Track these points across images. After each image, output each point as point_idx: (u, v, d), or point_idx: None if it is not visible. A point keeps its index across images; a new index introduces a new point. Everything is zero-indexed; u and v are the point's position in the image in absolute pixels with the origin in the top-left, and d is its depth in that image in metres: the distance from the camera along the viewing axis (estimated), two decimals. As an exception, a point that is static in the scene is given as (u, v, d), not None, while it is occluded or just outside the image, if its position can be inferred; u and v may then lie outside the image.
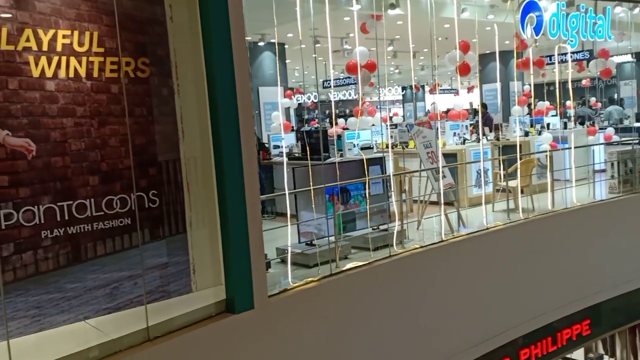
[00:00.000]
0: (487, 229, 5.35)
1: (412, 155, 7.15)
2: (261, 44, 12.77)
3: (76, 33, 3.02)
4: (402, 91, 28.83)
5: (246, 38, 3.44)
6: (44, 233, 2.93)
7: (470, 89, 21.38)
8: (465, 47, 6.78)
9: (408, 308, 4.38)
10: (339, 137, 7.54)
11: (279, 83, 9.79)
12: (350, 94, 24.14)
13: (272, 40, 12.24)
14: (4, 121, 2.82)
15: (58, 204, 2.98)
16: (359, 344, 4.02)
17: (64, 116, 3.02)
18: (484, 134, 8.45)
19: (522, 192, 6.49)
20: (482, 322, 5.04)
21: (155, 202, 3.31)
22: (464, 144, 8.45)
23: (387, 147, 6.84)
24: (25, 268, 2.89)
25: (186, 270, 3.40)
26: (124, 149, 3.21)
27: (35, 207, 2.90)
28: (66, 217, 3.00)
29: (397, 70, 20.84)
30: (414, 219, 6.15)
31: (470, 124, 9.48)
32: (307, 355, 3.67)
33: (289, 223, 4.41)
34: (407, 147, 8.20)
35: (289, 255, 4.23)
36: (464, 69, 6.79)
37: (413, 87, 21.92)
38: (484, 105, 11.16)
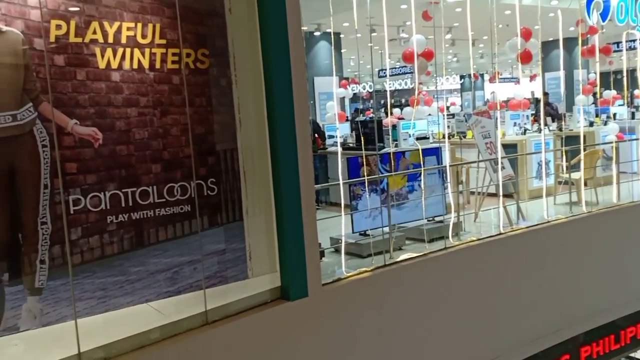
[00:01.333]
0: (548, 222, 5.19)
1: (470, 146, 7.00)
2: (317, 33, 12.78)
3: (139, 25, 3.12)
4: (460, 80, 28.20)
5: (302, 28, 3.45)
6: (110, 218, 3.07)
7: (532, 78, 20.68)
8: (527, 34, 6.57)
9: (463, 301, 4.31)
10: (394, 127, 7.48)
11: (334, 73, 9.77)
12: (406, 83, 23.83)
13: (328, 30, 12.23)
14: (73, 111, 2.95)
15: (122, 190, 3.10)
16: (411, 336, 4.00)
17: (128, 106, 3.13)
18: (545, 124, 8.17)
19: (585, 184, 6.24)
20: (541, 318, 4.90)
21: (213, 190, 3.39)
22: (524, 134, 8.20)
23: (443, 137, 6.72)
24: (92, 251, 3.04)
25: (243, 257, 3.48)
26: (185, 138, 3.30)
27: (102, 193, 3.04)
28: (130, 203, 3.12)
29: (455, 59, 20.39)
30: (470, 211, 6.03)
31: (532, 114, 9.18)
32: (360, 344, 3.69)
33: (342, 213, 4.42)
34: (464, 137, 8.04)
35: (343, 244, 4.25)
36: (526, 57, 6.58)
37: (472, 75, 21.41)
38: (546, 95, 10.76)
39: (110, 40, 3.03)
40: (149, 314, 3.05)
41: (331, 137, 8.60)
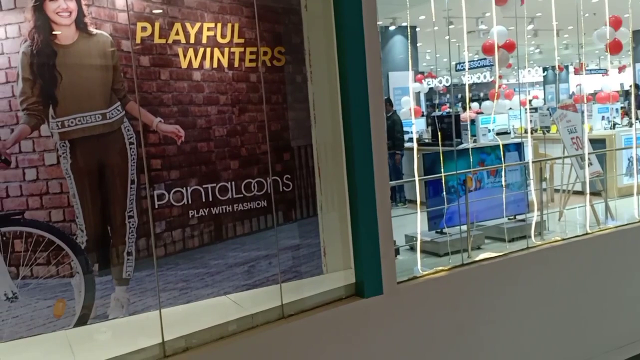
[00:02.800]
0: (639, 222, 4.85)
1: (555, 141, 6.68)
2: (392, 28, 12.65)
3: (219, 25, 3.21)
4: (543, 72, 26.97)
5: (378, 23, 3.42)
6: (191, 212, 3.18)
7: (621, 69, 19.43)
8: (616, 23, 6.17)
9: (545, 303, 4.12)
10: (473, 121, 7.27)
11: (410, 67, 9.62)
12: (485, 77, 23.08)
13: (404, 24, 12.07)
14: (157, 109, 3.08)
15: (203, 186, 3.20)
16: (489, 338, 3.87)
17: (208, 104, 3.23)
18: (637, 118, 7.66)
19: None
20: (630, 323, 4.60)
21: (288, 186, 3.44)
22: (613, 128, 7.73)
23: (525, 132, 6.46)
24: (174, 244, 3.16)
25: (317, 252, 3.50)
26: (261, 135, 3.36)
27: (184, 188, 3.15)
28: (210, 199, 3.22)
29: (537, 50, 19.53)
30: (554, 209, 5.76)
31: (621, 107, 8.63)
32: (435, 345, 3.61)
33: (418, 210, 4.35)
34: (548, 132, 7.69)
35: (419, 242, 4.18)
36: (615, 47, 6.18)
37: (556, 67, 20.43)
38: (637, 86, 10.08)
39: (192, 40, 3.14)
40: (228, 306, 3.14)
41: (406, 132, 8.48)
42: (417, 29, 12.65)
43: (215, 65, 3.22)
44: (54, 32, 2.82)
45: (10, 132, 2.76)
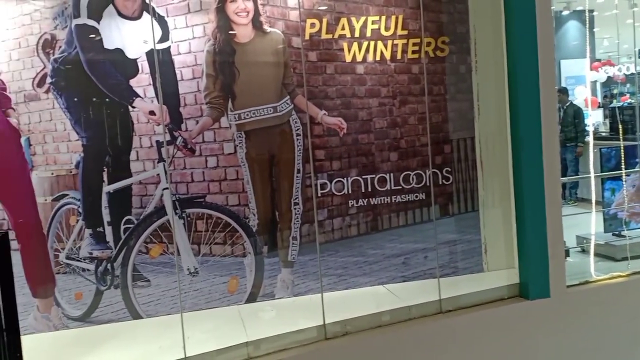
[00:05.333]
0: None
1: None
2: (565, 12, 11.70)
3: (383, 18, 3.24)
4: None
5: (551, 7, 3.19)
6: (351, 202, 3.27)
7: None
8: None
9: None
10: (660, 114, 6.45)
11: (587, 54, 8.81)
12: (675, 63, 20.31)
13: (579, 8, 11.09)
14: (322, 102, 3.21)
15: (363, 176, 3.28)
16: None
17: (370, 97, 3.29)
18: None
19: None
20: None
21: (448, 179, 3.37)
22: None
23: None
24: (336, 232, 3.28)
25: (477, 249, 3.39)
26: (422, 127, 3.34)
27: (345, 179, 3.25)
28: (369, 189, 3.28)
29: None
30: None
31: None
32: (607, 356, 3.30)
33: (593, 210, 3.99)
34: None
35: (592, 244, 3.84)
36: None
37: None
38: None
39: (357, 34, 3.21)
40: (384, 295, 3.18)
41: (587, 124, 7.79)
42: (595, 13, 11.55)
43: (378, 58, 3.26)
44: (233, 32, 3.08)
45: (195, 124, 3.07)
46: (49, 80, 2.88)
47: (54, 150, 2.96)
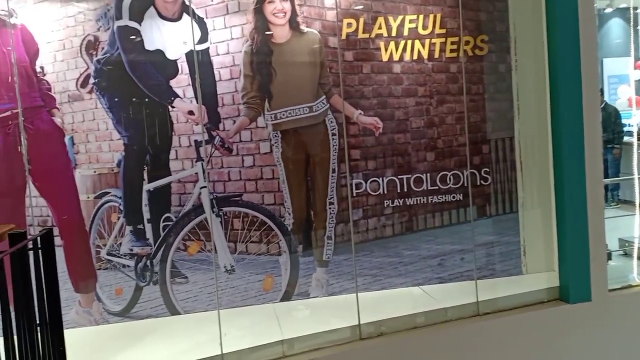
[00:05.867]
0: None
1: None
2: (608, 10, 11.37)
3: (421, 17, 3.21)
4: None
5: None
6: (386, 202, 3.25)
7: None
8: None
9: None
10: None
11: (632, 52, 8.53)
12: None
13: (622, 6, 10.77)
14: (358, 102, 3.21)
15: (398, 176, 3.25)
16: None
17: (407, 96, 3.27)
18: None
19: None
20: None
21: (486, 179, 3.32)
22: None
23: None
24: (371, 232, 3.27)
25: (516, 251, 3.33)
26: (459, 127, 3.30)
27: (380, 178, 3.24)
28: (405, 189, 3.26)
29: None
30: None
31: None
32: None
33: (637, 212, 3.87)
34: None
35: (635, 247, 3.72)
36: None
37: None
38: None
39: (394, 33, 3.19)
40: (419, 297, 3.15)
41: (623, 125, 7.56)
42: (638, 11, 11.20)
43: (415, 57, 3.24)
44: (270, 32, 3.10)
45: (233, 123, 3.11)
46: (92, 80, 2.96)
47: (97, 149, 3.04)
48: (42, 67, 2.94)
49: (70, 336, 2.07)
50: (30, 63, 2.90)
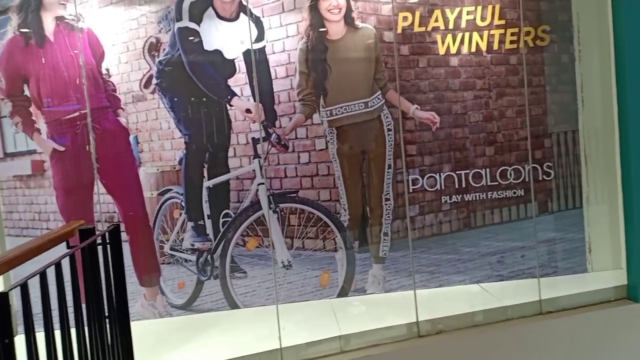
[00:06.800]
0: None
1: None
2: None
3: (479, 8, 3.13)
4: None
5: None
6: (444, 198, 3.20)
7: None
8: None
9: None
10: None
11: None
12: None
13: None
14: (414, 96, 3.17)
15: (456, 172, 3.20)
16: None
17: (464, 90, 3.20)
18: None
19: None
20: None
21: (549, 174, 3.22)
22: None
23: None
24: (427, 228, 3.23)
25: (581, 248, 3.21)
26: (520, 120, 3.21)
27: (437, 174, 3.19)
28: (463, 185, 3.20)
29: None
30: None
31: None
32: None
33: None
34: None
35: None
36: None
37: None
38: None
39: (451, 26, 3.13)
40: (478, 294, 3.09)
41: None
42: None
43: (473, 49, 3.17)
44: (325, 29, 3.11)
45: (289, 121, 3.14)
46: (154, 81, 3.06)
47: (159, 148, 3.14)
48: (107, 69, 3.06)
49: (136, 328, 2.14)
50: (96, 65, 3.03)
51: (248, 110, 3.08)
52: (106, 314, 1.88)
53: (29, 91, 3.00)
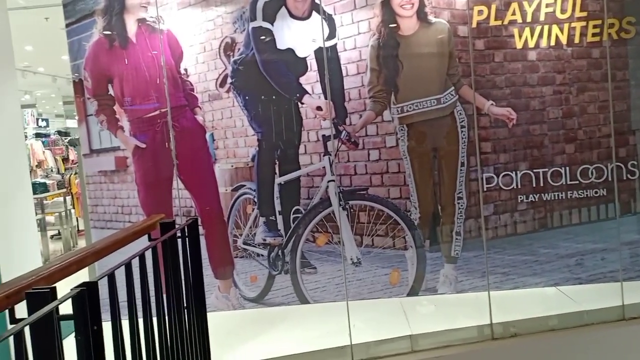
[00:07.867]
0: None
1: None
2: None
3: (559, 1, 3.00)
4: None
5: None
6: (520, 197, 3.10)
7: None
8: None
9: None
10: None
11: None
12: None
13: None
14: (489, 92, 3.08)
15: (534, 170, 3.09)
16: None
17: (543, 85, 3.09)
18: None
19: None
20: None
21: (634, 173, 3.05)
22: None
23: None
24: (502, 228, 3.14)
25: (669, 252, 3.02)
26: (603, 116, 3.06)
27: (513, 172, 3.09)
28: (541, 184, 3.08)
29: None
30: None
31: None
32: None
33: None
34: None
35: None
36: None
37: None
38: None
39: (529, 19, 3.02)
40: (555, 297, 2.97)
41: None
42: None
43: (552, 43, 3.04)
44: (396, 25, 3.08)
45: (359, 118, 3.14)
46: (229, 80, 3.15)
47: (234, 145, 3.23)
48: (185, 69, 3.18)
49: (210, 319, 2.21)
50: (175, 65, 3.15)
51: (319, 108, 3.10)
52: (184, 305, 1.95)
53: (113, 91, 3.16)
